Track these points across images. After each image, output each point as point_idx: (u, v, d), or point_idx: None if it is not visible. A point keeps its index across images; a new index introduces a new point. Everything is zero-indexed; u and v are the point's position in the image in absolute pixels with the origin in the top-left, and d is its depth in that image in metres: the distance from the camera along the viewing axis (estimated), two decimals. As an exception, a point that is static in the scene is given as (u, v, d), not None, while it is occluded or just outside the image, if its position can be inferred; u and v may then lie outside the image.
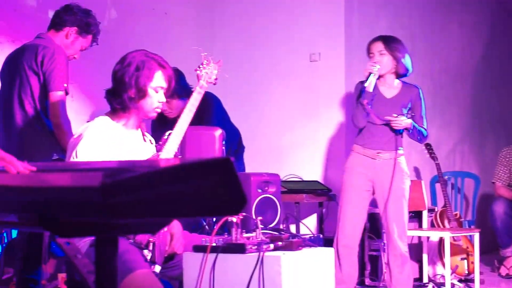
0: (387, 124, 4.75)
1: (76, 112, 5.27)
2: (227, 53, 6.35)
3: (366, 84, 4.68)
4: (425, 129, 4.87)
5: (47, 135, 4.21)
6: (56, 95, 4.12)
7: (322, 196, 5.95)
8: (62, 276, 4.66)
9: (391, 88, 4.86)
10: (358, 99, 4.76)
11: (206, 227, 4.21)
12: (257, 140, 6.55)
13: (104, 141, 3.25)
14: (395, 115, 4.72)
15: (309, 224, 6.13)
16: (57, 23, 4.42)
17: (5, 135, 4.32)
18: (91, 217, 1.69)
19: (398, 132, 4.78)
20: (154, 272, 3.17)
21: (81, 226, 1.79)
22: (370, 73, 4.69)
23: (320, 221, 6.07)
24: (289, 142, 6.58)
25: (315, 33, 6.53)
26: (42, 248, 3.85)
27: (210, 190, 1.71)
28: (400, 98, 4.84)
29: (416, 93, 4.89)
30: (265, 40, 6.81)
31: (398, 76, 4.88)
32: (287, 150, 6.57)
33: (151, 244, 3.22)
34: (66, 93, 4.18)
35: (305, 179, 6.30)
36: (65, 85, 4.15)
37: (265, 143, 6.63)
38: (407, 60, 4.84)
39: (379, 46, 4.79)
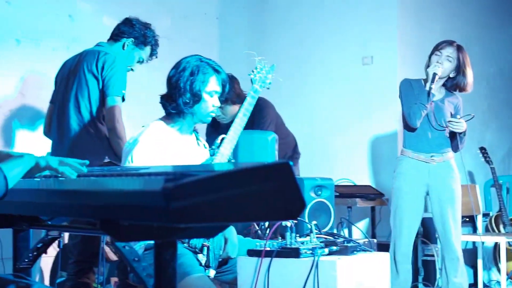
0: (443, 126, 4.69)
1: (129, 117, 5.33)
2: (279, 57, 6.35)
3: (431, 86, 4.61)
4: None
5: (99, 138, 4.27)
6: (113, 100, 4.18)
7: (375, 201, 5.91)
8: (115, 279, 4.71)
9: (437, 90, 4.79)
10: (415, 97, 4.70)
11: (259, 231, 4.21)
12: (309, 144, 6.54)
13: (159, 145, 3.28)
14: (459, 116, 4.66)
15: (361, 229, 6.11)
16: (115, 34, 4.50)
17: (58, 136, 4.38)
18: (151, 221, 1.71)
19: (451, 134, 4.71)
20: (208, 276, 3.19)
21: (141, 230, 1.81)
22: (434, 74, 4.62)
23: (372, 225, 6.04)
24: (341, 146, 6.56)
25: (367, 36, 6.51)
26: (98, 252, 3.90)
27: (269, 194, 1.71)
28: (445, 103, 4.77)
29: (459, 102, 4.82)
30: (317, 44, 6.80)
31: (449, 87, 4.80)
32: (339, 154, 6.55)
33: (205, 248, 3.24)
34: (123, 100, 4.22)
35: (357, 183, 6.27)
36: (123, 91, 4.20)
37: (317, 147, 6.62)
38: (469, 79, 4.75)
39: (451, 51, 4.70)
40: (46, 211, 2.15)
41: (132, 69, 4.54)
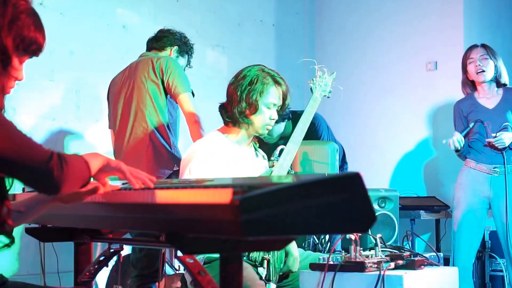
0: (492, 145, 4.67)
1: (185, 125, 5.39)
2: (338, 64, 6.35)
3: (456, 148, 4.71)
4: None
5: (168, 146, 4.32)
6: (185, 96, 4.23)
7: (439, 213, 5.85)
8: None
9: (492, 97, 4.79)
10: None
11: (319, 245, 4.20)
12: (371, 154, 6.53)
13: (217, 157, 3.31)
14: (494, 134, 4.62)
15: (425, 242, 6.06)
16: (157, 45, 4.58)
17: (117, 150, 4.44)
18: (219, 234, 1.73)
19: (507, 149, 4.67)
20: (269, 290, 3.20)
21: (207, 243, 1.84)
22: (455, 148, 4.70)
23: (437, 239, 5.98)
24: (404, 156, 6.52)
25: (431, 41, 6.47)
26: (161, 266, 3.95)
27: (339, 206, 1.72)
28: (504, 105, 4.77)
29: None
30: (378, 50, 6.79)
31: (499, 85, 4.80)
32: (403, 164, 6.52)
33: (265, 261, 3.25)
34: (193, 94, 4.29)
35: (420, 194, 6.22)
36: (190, 87, 4.27)
37: (379, 157, 6.59)
38: (505, 70, 4.82)
39: (480, 51, 4.75)
40: (109, 224, 2.19)
41: None
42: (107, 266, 2.63)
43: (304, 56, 6.92)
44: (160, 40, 4.60)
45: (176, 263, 5.10)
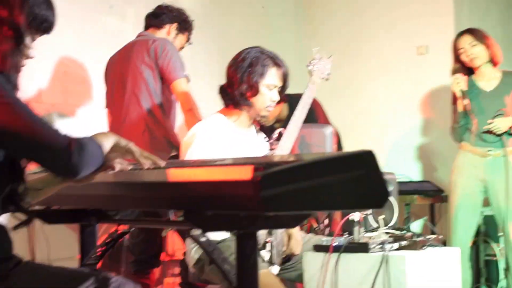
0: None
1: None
2: (328, 48, 6.39)
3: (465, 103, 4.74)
4: None
5: (163, 131, 4.37)
6: (180, 83, 4.28)
7: (434, 197, 5.94)
8: (167, 281, 4.82)
9: (490, 79, 4.85)
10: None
11: (319, 228, 4.30)
12: (362, 138, 6.59)
13: (218, 138, 3.38)
14: (491, 120, 4.69)
15: (420, 227, 6.16)
16: (156, 22, 4.58)
17: (114, 132, 4.48)
18: (238, 210, 1.81)
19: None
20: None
21: (225, 220, 1.91)
22: (460, 91, 4.72)
23: (432, 223, 6.07)
24: (396, 141, 6.61)
25: (422, 25, 6.54)
26: (159, 253, 3.97)
27: (355, 183, 1.81)
28: (501, 89, 4.83)
29: None
30: (369, 33, 6.85)
31: (495, 65, 4.87)
32: (395, 149, 6.60)
33: (268, 244, 3.33)
34: (188, 80, 4.33)
35: (414, 179, 6.31)
36: (185, 72, 4.30)
37: (371, 141, 6.66)
38: (498, 47, 4.85)
39: (468, 39, 4.80)
40: (125, 203, 2.25)
41: None
42: (113, 248, 2.69)
43: (295, 40, 7.00)
44: (159, 17, 4.59)
45: (170, 250, 5.16)
